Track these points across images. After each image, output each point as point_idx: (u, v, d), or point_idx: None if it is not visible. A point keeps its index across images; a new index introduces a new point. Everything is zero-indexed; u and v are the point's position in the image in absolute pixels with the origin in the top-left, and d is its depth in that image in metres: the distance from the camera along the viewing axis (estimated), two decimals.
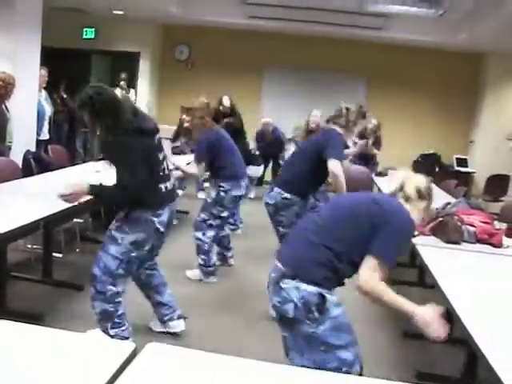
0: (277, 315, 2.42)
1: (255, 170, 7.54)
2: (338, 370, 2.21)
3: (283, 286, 2.34)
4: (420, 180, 2.57)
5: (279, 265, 2.41)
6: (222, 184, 4.87)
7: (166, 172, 3.37)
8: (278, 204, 4.15)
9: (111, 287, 3.28)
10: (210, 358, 1.65)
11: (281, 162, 9.05)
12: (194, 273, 5.05)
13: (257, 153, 8.25)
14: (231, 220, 6.25)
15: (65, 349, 1.59)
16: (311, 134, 7.07)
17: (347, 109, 4.35)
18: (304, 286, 2.29)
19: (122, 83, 9.79)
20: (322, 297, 2.29)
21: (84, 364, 1.49)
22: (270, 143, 9.38)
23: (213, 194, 4.92)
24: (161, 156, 3.32)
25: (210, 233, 4.91)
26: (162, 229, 3.29)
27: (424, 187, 2.53)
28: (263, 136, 9.45)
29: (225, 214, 4.96)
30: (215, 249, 5.20)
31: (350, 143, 6.39)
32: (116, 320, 3.35)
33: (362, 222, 2.34)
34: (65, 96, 9.49)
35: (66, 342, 1.64)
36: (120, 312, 3.36)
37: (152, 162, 3.22)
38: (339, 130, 4.27)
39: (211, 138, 4.88)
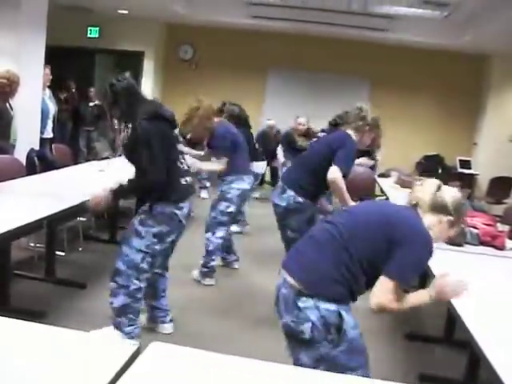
0: (287, 333, 2.29)
1: (259, 166, 7.52)
2: None
3: (301, 305, 2.19)
4: (453, 193, 2.35)
5: (290, 280, 2.25)
6: (224, 178, 4.87)
7: (185, 167, 3.45)
8: (289, 207, 4.00)
9: (136, 281, 3.31)
10: (213, 357, 1.65)
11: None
12: (196, 273, 5.06)
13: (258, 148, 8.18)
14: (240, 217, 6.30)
15: (68, 347, 1.59)
16: (304, 136, 7.17)
17: (363, 114, 4.23)
18: (324, 305, 2.17)
19: None
20: (340, 316, 2.18)
21: (87, 363, 1.49)
22: (272, 145, 9.36)
23: (217, 190, 4.96)
24: (180, 148, 3.45)
25: (220, 233, 4.88)
26: (184, 221, 3.37)
27: (457, 201, 2.33)
28: (265, 138, 9.43)
29: (231, 209, 4.85)
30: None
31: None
32: (132, 317, 3.36)
33: (379, 242, 2.20)
34: (74, 91, 9.53)
35: (69, 340, 1.65)
36: (138, 309, 3.39)
37: (172, 152, 3.30)
38: (354, 135, 4.09)
39: (232, 129, 4.99)
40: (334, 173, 3.85)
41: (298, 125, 7.58)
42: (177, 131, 3.49)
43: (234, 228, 6.19)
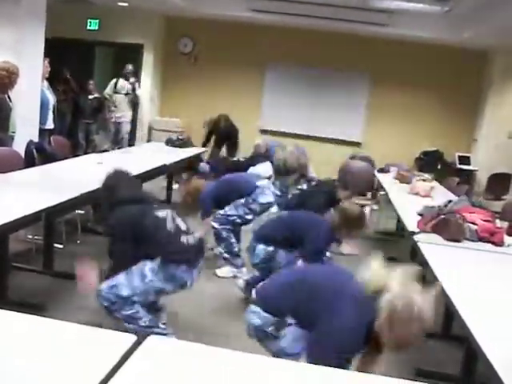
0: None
1: (264, 168, 7.45)
2: None
3: (249, 309, 2.65)
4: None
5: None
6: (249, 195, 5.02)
7: (184, 227, 3.37)
8: (265, 260, 4.11)
9: (121, 312, 3.21)
10: (210, 351, 1.65)
11: None
12: (225, 270, 5.08)
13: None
14: None
15: (66, 340, 1.59)
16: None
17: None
18: (263, 313, 2.55)
19: (128, 75, 9.79)
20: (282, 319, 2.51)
21: (85, 355, 1.50)
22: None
23: (242, 200, 5.01)
24: (163, 216, 3.32)
25: (227, 227, 5.00)
26: (188, 286, 3.32)
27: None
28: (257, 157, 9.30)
29: (249, 217, 5.01)
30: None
31: None
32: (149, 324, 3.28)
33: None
34: (69, 77, 9.51)
35: (68, 332, 1.65)
36: (150, 318, 3.32)
37: (149, 222, 3.25)
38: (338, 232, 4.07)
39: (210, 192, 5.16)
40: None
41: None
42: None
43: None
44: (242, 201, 5.00)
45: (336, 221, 3.99)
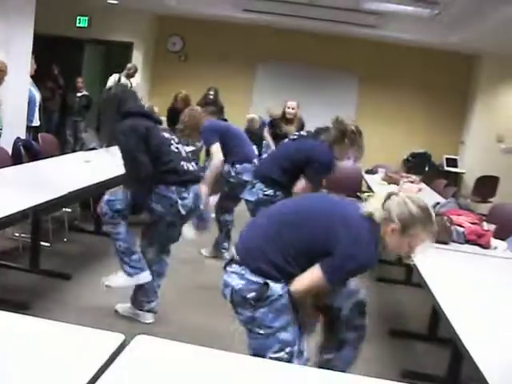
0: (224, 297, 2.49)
1: None
2: (280, 351, 2.31)
3: (229, 269, 2.40)
4: (402, 202, 2.30)
5: (233, 251, 2.45)
6: (236, 166, 4.99)
7: (184, 154, 3.50)
8: (259, 201, 4.01)
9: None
10: (198, 350, 1.65)
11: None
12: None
13: None
14: None
15: (53, 339, 1.58)
16: (288, 122, 7.05)
17: (342, 128, 3.99)
18: (248, 275, 2.32)
19: (130, 71, 9.71)
20: (266, 285, 2.29)
21: (72, 355, 1.49)
22: (258, 139, 9.30)
23: (225, 167, 4.99)
24: (169, 137, 3.47)
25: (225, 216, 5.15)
26: (183, 212, 3.39)
27: (403, 210, 2.28)
28: (250, 133, 9.35)
29: (225, 188, 5.09)
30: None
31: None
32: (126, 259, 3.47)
33: (324, 236, 2.30)
34: (56, 73, 9.45)
35: (54, 332, 1.64)
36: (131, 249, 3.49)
37: (158, 138, 3.36)
38: (335, 149, 3.99)
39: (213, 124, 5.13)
40: (299, 188, 3.90)
41: (286, 108, 7.35)
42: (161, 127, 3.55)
43: None
44: (224, 171, 4.99)
45: (333, 136, 3.95)
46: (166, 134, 3.48)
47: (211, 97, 9.31)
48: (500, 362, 2.05)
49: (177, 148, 3.44)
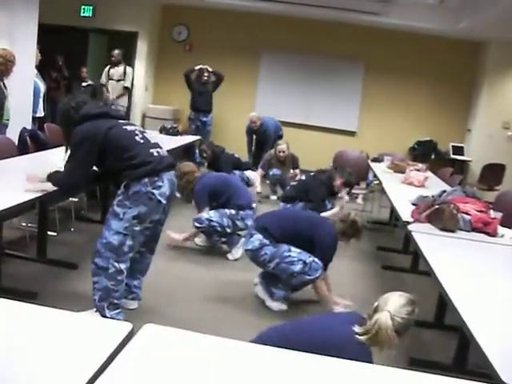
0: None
1: (254, 175, 7.56)
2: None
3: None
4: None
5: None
6: (240, 212, 5.13)
7: (152, 141, 3.44)
8: (256, 250, 4.08)
9: (115, 264, 3.29)
10: (206, 339, 1.65)
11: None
12: (233, 253, 5.21)
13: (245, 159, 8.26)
14: None
15: (61, 328, 1.59)
16: (281, 163, 7.63)
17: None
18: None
19: (113, 59, 9.74)
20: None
21: (81, 344, 1.49)
22: (259, 138, 9.36)
23: (232, 211, 5.12)
24: (132, 129, 3.38)
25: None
26: (163, 201, 3.30)
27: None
28: (252, 133, 9.43)
29: (229, 230, 5.14)
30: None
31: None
32: (114, 301, 3.35)
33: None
34: (60, 63, 9.45)
35: (62, 321, 1.64)
36: (119, 293, 3.36)
37: (120, 138, 3.28)
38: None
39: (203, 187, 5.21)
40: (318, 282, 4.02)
41: (278, 152, 7.61)
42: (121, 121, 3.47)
43: None
44: (231, 212, 5.10)
45: (341, 228, 4.08)
46: (129, 127, 3.38)
47: (206, 78, 9.44)
48: (507, 349, 2.05)
49: (142, 138, 3.35)
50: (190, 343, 1.63)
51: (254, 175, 7.48)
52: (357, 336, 2.30)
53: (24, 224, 5.04)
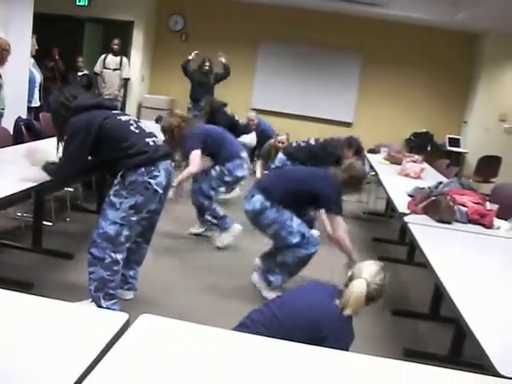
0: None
1: (249, 139, 7.51)
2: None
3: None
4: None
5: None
6: (227, 165, 5.07)
7: (147, 130, 3.42)
8: (255, 210, 4.01)
9: (112, 254, 3.29)
10: (202, 329, 1.65)
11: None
12: (222, 237, 5.19)
13: (242, 121, 8.11)
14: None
15: (57, 318, 1.58)
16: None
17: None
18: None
19: (115, 47, 9.67)
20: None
21: (77, 334, 1.49)
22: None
23: (217, 168, 5.07)
24: (126, 119, 3.36)
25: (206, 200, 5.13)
26: (159, 190, 3.29)
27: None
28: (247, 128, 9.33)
29: (222, 189, 5.18)
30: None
31: None
32: (110, 291, 3.34)
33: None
34: (57, 57, 9.41)
35: (58, 311, 1.64)
36: (115, 283, 3.36)
37: (115, 128, 3.27)
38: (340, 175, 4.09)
39: (196, 130, 5.11)
40: (340, 230, 3.94)
41: (277, 142, 7.52)
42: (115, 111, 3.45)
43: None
44: (217, 170, 5.06)
45: (341, 177, 4.02)
46: (124, 117, 3.36)
47: (207, 68, 9.37)
48: (502, 340, 2.05)
49: (137, 128, 3.34)
50: (186, 333, 1.63)
51: (251, 138, 7.38)
52: (340, 312, 2.40)
53: (19, 214, 5.03)
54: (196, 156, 4.89)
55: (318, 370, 1.52)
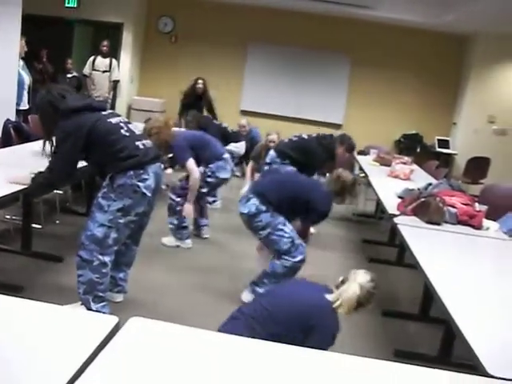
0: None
1: (237, 146, 7.50)
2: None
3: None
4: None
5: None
6: (210, 166, 5.07)
7: (138, 132, 3.40)
8: (250, 213, 3.98)
9: (99, 256, 3.27)
10: (191, 332, 1.65)
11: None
12: (170, 239, 5.17)
13: (231, 128, 8.09)
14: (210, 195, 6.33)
15: (46, 321, 1.57)
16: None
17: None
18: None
19: (104, 49, 9.61)
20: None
21: (66, 337, 1.48)
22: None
23: (200, 169, 5.02)
24: (117, 122, 3.32)
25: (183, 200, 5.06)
26: (148, 194, 3.27)
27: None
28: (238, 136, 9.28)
29: (204, 190, 5.12)
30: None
31: None
32: (99, 294, 3.33)
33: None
34: (44, 60, 9.37)
35: (48, 314, 1.63)
36: (104, 286, 3.34)
37: (105, 131, 3.22)
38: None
39: (180, 141, 5.03)
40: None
41: (268, 142, 7.48)
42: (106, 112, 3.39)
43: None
44: (200, 171, 5.01)
45: (332, 187, 4.06)
46: (114, 119, 3.31)
47: (200, 86, 9.13)
48: (493, 341, 2.06)
49: (128, 131, 3.30)
50: (176, 336, 1.63)
51: (239, 146, 7.36)
52: (331, 305, 2.52)
53: (8, 217, 5.00)
54: (192, 164, 4.89)
55: (308, 371, 1.52)
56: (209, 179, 5.09)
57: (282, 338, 2.24)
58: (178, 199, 5.06)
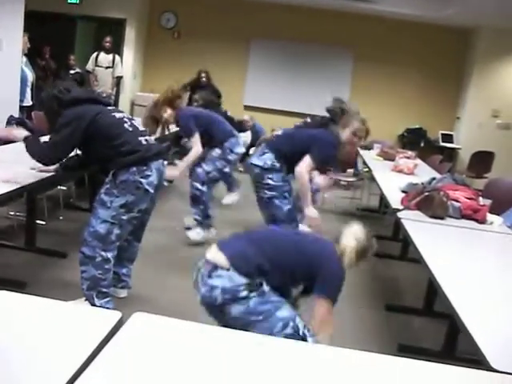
0: (205, 304, 2.50)
1: (244, 136, 7.49)
2: (285, 328, 2.38)
3: (214, 274, 2.42)
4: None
5: (212, 257, 2.49)
6: (225, 145, 5.06)
7: (140, 128, 3.41)
8: (265, 167, 4.03)
9: (102, 253, 3.28)
10: (195, 327, 1.65)
11: None
12: (198, 232, 5.14)
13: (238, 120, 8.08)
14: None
15: (50, 317, 1.58)
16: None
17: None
18: (236, 277, 2.38)
19: (107, 45, 9.61)
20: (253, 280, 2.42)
21: (70, 333, 1.48)
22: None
23: (217, 150, 5.04)
24: (121, 117, 3.33)
25: (210, 185, 5.11)
26: (151, 190, 3.27)
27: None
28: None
29: (227, 169, 5.18)
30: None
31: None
32: (103, 290, 3.34)
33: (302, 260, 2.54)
34: (47, 56, 9.37)
35: (51, 310, 1.63)
36: (107, 282, 3.35)
37: (108, 125, 3.23)
38: (342, 134, 4.23)
39: (189, 112, 5.07)
40: (302, 170, 3.94)
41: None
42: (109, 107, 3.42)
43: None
44: (218, 152, 5.05)
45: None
46: (118, 114, 3.33)
47: (203, 79, 9.23)
48: (497, 335, 2.06)
49: (131, 126, 3.31)
50: (180, 331, 1.62)
51: (245, 135, 7.34)
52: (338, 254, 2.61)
53: (12, 213, 5.00)
54: (197, 138, 4.86)
55: (311, 365, 1.52)
56: (229, 157, 5.09)
57: (287, 268, 2.45)
58: (203, 188, 5.03)
